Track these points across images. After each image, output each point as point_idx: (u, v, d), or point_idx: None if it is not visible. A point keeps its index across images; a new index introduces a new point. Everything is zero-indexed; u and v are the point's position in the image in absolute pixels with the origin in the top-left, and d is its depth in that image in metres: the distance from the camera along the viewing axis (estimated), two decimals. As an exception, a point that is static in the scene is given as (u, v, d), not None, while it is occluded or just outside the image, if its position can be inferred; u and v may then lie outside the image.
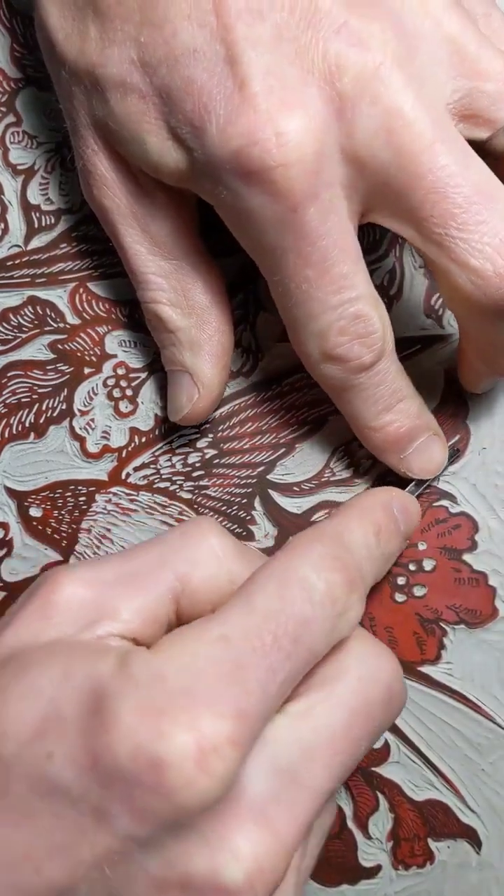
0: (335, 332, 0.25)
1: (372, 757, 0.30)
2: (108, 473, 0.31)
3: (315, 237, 0.24)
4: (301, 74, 0.23)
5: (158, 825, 0.19)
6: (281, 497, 0.30)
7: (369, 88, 0.22)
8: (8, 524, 0.31)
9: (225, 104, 0.23)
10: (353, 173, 0.23)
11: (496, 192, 0.23)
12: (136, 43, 0.24)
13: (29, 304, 0.31)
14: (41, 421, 0.31)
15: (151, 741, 0.18)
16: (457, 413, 0.30)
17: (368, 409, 0.27)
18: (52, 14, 0.25)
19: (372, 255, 0.30)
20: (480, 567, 0.29)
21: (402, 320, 0.30)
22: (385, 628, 0.29)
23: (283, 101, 0.22)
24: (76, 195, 0.31)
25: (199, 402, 0.29)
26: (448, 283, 0.24)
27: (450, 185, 0.23)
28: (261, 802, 0.20)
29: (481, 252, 0.23)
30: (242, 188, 0.23)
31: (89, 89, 0.25)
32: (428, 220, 0.23)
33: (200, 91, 0.23)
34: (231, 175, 0.23)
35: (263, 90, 0.22)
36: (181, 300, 0.28)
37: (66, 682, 0.20)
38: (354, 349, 0.25)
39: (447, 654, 0.29)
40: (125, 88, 0.24)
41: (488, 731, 0.29)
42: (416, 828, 0.29)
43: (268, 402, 0.30)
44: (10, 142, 0.32)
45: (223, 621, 0.21)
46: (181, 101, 0.23)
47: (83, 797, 0.19)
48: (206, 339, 0.28)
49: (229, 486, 0.31)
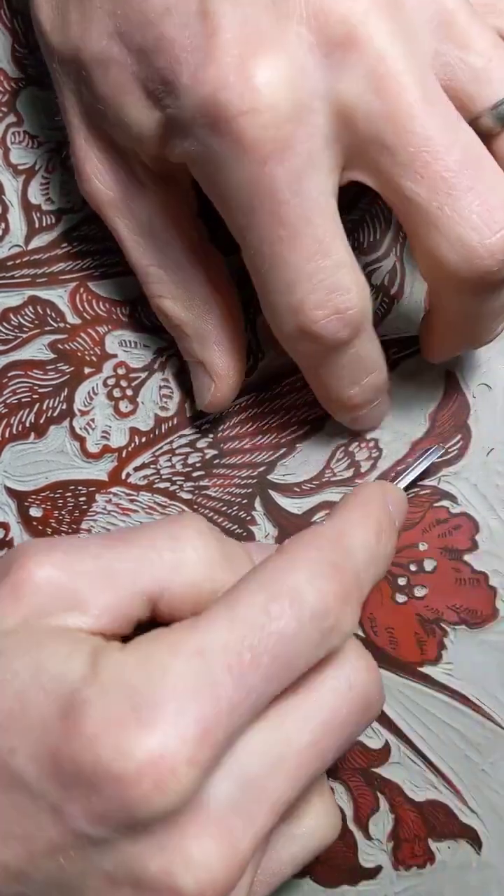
0: (310, 306, 0.24)
1: (372, 757, 0.30)
2: (108, 473, 0.31)
3: (287, 194, 0.22)
4: (279, 21, 0.21)
5: (113, 829, 0.19)
6: (281, 497, 0.30)
7: (356, 33, 0.21)
8: (8, 524, 0.31)
9: (195, 53, 0.21)
10: (336, 124, 0.22)
11: (484, 159, 0.22)
12: (113, 16, 0.23)
13: (29, 304, 0.31)
14: (41, 421, 0.31)
15: (112, 755, 0.18)
16: (458, 413, 0.30)
17: (337, 383, 0.26)
18: (42, 7, 0.25)
19: (372, 255, 0.30)
20: (481, 567, 0.29)
21: (402, 320, 0.30)
22: (385, 629, 0.29)
23: (256, 47, 0.21)
24: (77, 195, 0.31)
25: (216, 391, 0.28)
26: (427, 249, 0.23)
27: (442, 145, 0.21)
28: (221, 813, 0.20)
29: (468, 220, 0.22)
30: (211, 138, 0.22)
31: (77, 75, 0.25)
32: (417, 179, 0.22)
33: (171, 45, 0.22)
34: (200, 126, 0.22)
35: (235, 37, 0.21)
36: (182, 293, 0.28)
37: (36, 677, 0.20)
38: (331, 326, 0.24)
39: (448, 655, 0.29)
40: (106, 63, 0.24)
41: (489, 731, 0.29)
42: (416, 828, 0.29)
43: (268, 402, 0.30)
44: (10, 142, 0.32)
45: (202, 632, 0.20)
46: (155, 59, 0.22)
47: (42, 795, 0.19)
48: (210, 329, 0.28)
49: (230, 486, 0.31)
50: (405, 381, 0.30)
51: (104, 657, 0.20)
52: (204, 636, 0.20)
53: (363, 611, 0.29)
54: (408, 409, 0.30)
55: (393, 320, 0.30)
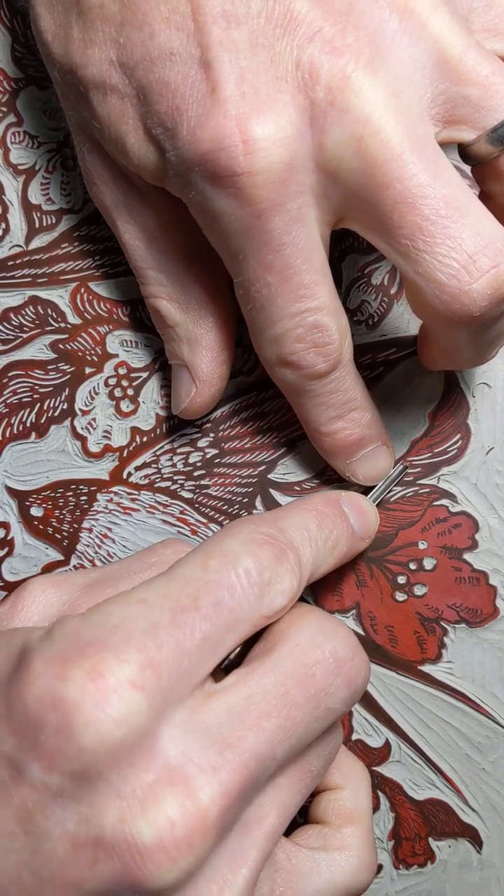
0: (291, 340, 0.25)
1: (373, 756, 0.30)
2: (109, 473, 0.31)
3: (278, 245, 0.24)
4: (274, 81, 0.22)
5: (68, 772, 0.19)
6: (282, 496, 0.30)
7: (340, 96, 0.22)
8: (9, 524, 0.31)
9: (196, 107, 0.23)
10: (325, 181, 0.23)
11: (466, 205, 0.22)
12: (116, 44, 0.24)
13: (30, 304, 0.32)
14: (42, 420, 0.31)
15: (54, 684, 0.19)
16: (457, 413, 0.30)
17: (321, 415, 0.27)
18: (43, 16, 0.26)
19: (372, 254, 0.30)
20: (481, 566, 0.29)
21: (402, 320, 0.30)
22: (385, 627, 0.30)
23: (253, 108, 0.22)
24: (77, 195, 0.31)
25: (196, 396, 0.29)
26: (414, 293, 0.24)
27: (418, 196, 0.22)
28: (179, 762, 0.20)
29: (448, 267, 0.22)
30: (210, 191, 0.23)
31: (76, 89, 0.25)
32: (396, 230, 0.23)
33: (174, 93, 0.23)
34: (199, 177, 0.23)
35: (235, 95, 0.22)
36: (179, 295, 0.28)
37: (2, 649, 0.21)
38: (309, 357, 0.25)
39: (448, 654, 0.29)
40: (105, 89, 0.24)
41: (489, 730, 0.29)
42: (416, 827, 0.29)
43: (268, 402, 0.30)
44: (10, 142, 0.32)
45: (144, 588, 0.21)
46: (156, 102, 0.23)
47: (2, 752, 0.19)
48: (202, 334, 0.28)
49: (230, 485, 0.31)
50: (405, 381, 0.30)
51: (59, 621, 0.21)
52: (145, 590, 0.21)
53: (363, 608, 0.29)
54: (407, 409, 0.30)
55: (393, 320, 0.30)
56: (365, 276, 0.30)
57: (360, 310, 0.30)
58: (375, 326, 0.30)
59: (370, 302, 0.30)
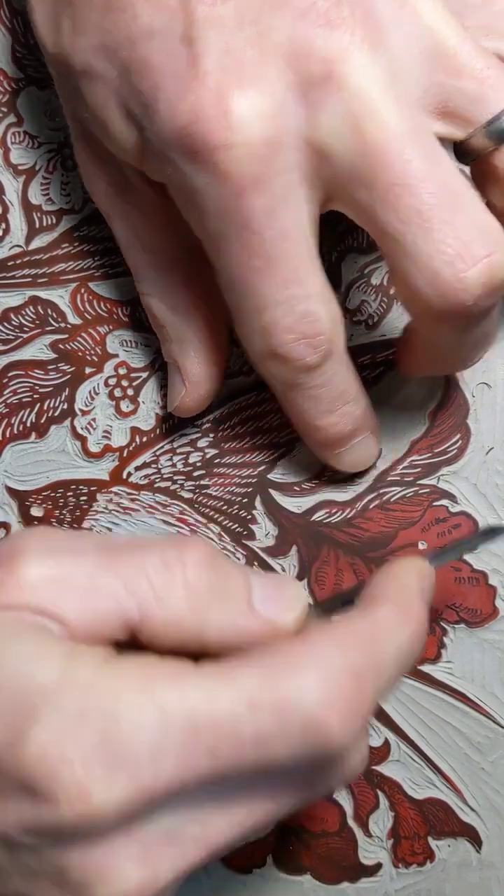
0: (280, 330, 0.24)
1: (372, 755, 0.30)
2: (109, 473, 0.31)
3: (260, 226, 0.22)
4: (261, 56, 0.21)
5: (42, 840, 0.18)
6: (281, 496, 0.30)
7: (336, 71, 0.21)
8: (9, 524, 0.32)
9: (175, 81, 0.22)
10: (315, 159, 0.22)
11: (463, 192, 0.22)
12: (101, 29, 0.23)
13: (30, 304, 0.32)
14: (42, 420, 0.31)
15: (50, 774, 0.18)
16: (457, 413, 0.30)
17: (311, 409, 0.26)
18: (37, 10, 0.25)
19: (372, 254, 0.30)
20: (480, 566, 0.29)
21: (402, 320, 0.30)
22: (385, 627, 0.30)
23: (237, 81, 0.21)
24: (77, 195, 0.31)
25: (185, 396, 0.29)
26: (404, 281, 0.23)
27: (416, 180, 0.21)
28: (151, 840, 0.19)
29: (442, 254, 0.22)
30: (187, 167, 0.22)
31: (68, 81, 0.25)
32: (390, 213, 0.22)
33: (154, 70, 0.22)
34: (177, 153, 0.22)
35: (216, 68, 0.21)
36: (168, 294, 0.28)
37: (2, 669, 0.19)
38: (299, 349, 0.24)
39: (447, 654, 0.29)
40: (92, 75, 0.24)
41: (488, 730, 0.29)
42: (416, 826, 0.30)
43: (268, 402, 0.30)
44: (11, 142, 0.32)
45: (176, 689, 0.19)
46: (137, 81, 0.23)
47: None
48: (190, 335, 0.28)
49: (230, 485, 0.31)
50: (404, 381, 0.30)
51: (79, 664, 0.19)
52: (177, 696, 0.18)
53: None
54: (407, 409, 0.30)
55: (393, 320, 0.30)
56: (365, 276, 0.30)
57: (360, 310, 0.30)
58: (375, 326, 0.30)
59: (370, 302, 0.30)
